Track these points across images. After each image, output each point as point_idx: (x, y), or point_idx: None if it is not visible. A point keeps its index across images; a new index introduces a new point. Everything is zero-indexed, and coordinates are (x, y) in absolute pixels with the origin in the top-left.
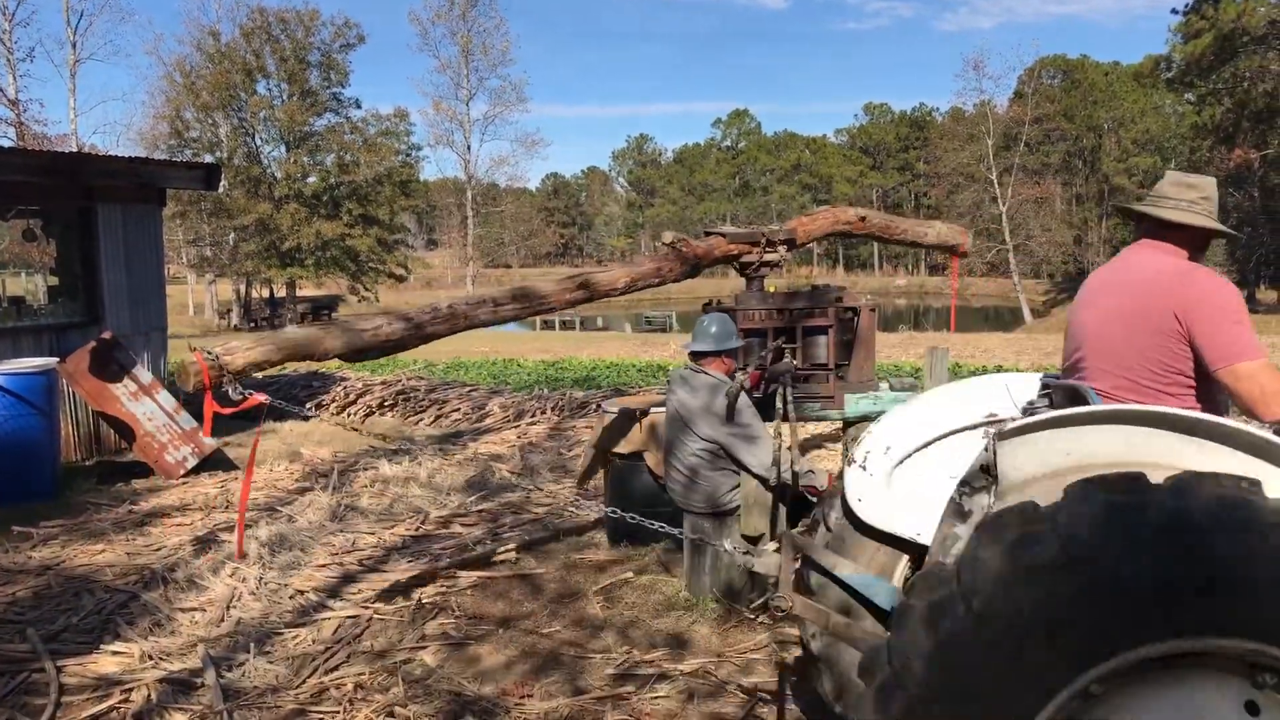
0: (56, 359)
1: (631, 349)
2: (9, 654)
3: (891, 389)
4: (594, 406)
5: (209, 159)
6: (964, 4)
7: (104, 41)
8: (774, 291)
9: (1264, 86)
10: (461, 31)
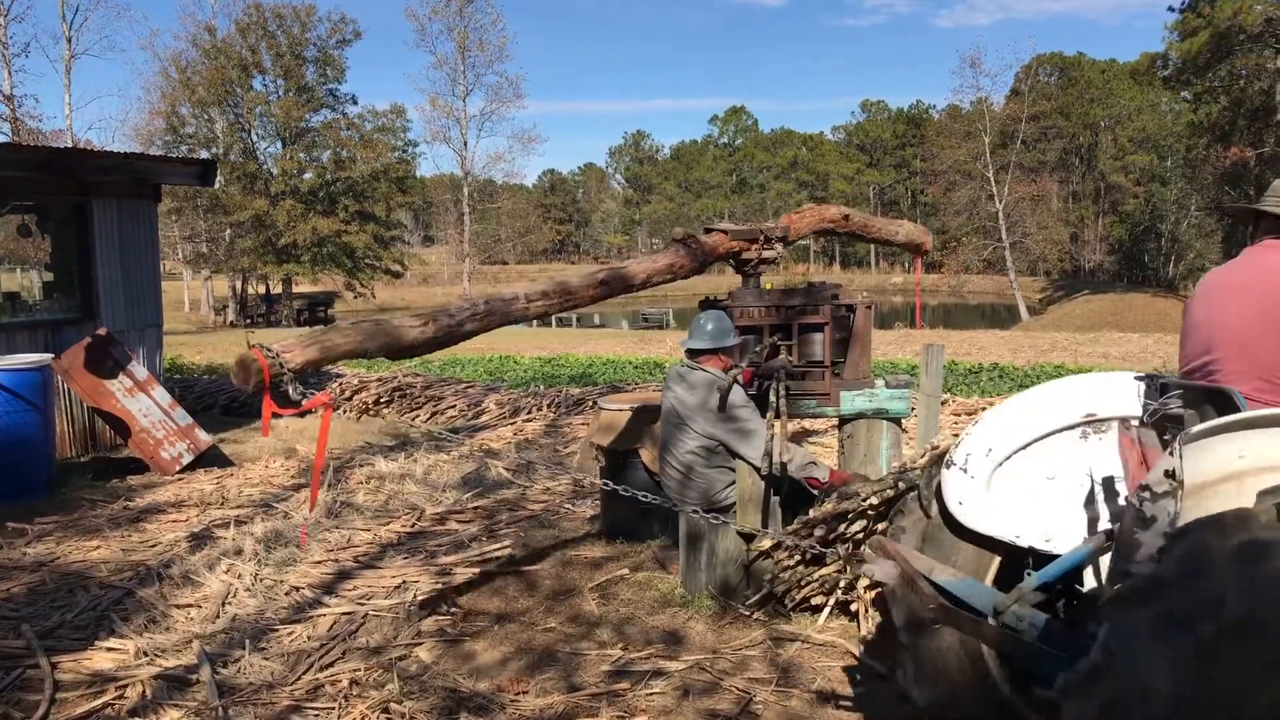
0: (51, 355)
1: (628, 346)
2: (3, 650)
3: (888, 386)
4: (590, 404)
5: (205, 155)
6: (961, 1)
7: (99, 37)
8: (770, 289)
9: (1260, 84)
10: (458, 27)
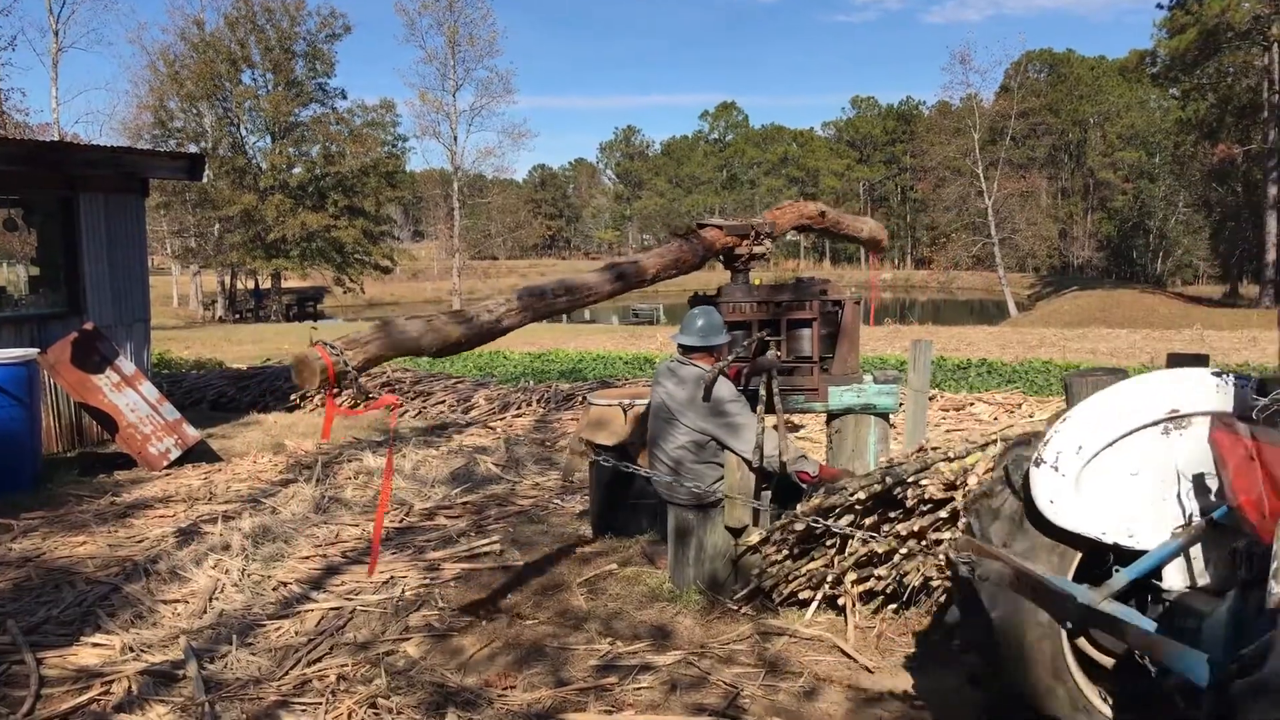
0: (37, 350)
1: (618, 342)
2: None
3: (876, 382)
4: (580, 399)
5: (193, 149)
6: None
7: (87, 30)
8: (759, 284)
9: (1248, 82)
10: (448, 22)
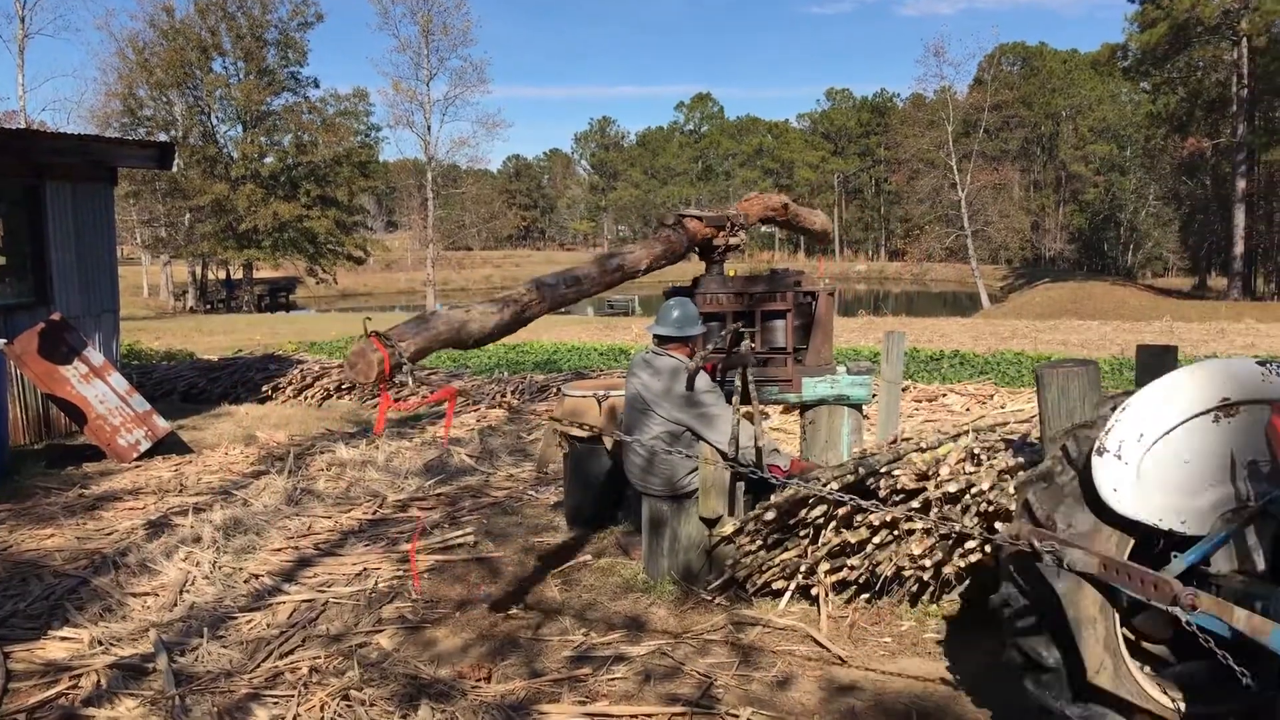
0: (3, 340)
1: (593, 333)
2: None
3: (849, 373)
4: (554, 390)
5: (163, 137)
6: None
7: (54, 16)
8: (734, 275)
9: (1217, 76)
10: (422, 11)
